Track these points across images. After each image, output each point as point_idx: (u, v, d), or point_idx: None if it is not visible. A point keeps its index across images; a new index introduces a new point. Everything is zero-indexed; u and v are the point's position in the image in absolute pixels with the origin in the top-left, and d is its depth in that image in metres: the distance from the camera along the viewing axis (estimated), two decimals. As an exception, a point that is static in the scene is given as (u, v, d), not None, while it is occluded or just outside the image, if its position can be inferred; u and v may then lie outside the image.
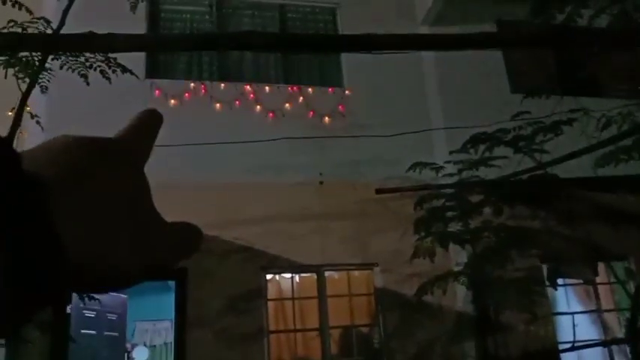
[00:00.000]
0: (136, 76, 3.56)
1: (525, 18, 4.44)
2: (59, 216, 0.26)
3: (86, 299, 3.88)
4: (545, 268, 5.94)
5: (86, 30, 2.61)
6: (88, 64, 3.17)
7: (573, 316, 5.50)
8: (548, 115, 4.49)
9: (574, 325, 5.17)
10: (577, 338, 5.05)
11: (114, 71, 3.22)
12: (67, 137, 0.30)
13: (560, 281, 5.95)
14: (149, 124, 0.36)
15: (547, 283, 5.77)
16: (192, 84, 6.18)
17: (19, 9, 2.88)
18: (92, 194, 0.28)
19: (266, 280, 5.69)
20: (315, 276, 5.84)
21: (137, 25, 5.96)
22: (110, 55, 3.10)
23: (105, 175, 0.30)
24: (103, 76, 3.19)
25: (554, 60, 7.19)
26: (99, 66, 3.19)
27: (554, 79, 7.03)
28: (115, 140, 0.33)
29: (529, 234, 5.23)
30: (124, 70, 3.27)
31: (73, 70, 3.20)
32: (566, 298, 6.30)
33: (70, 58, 3.13)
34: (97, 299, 4.32)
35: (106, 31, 2.58)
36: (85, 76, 3.19)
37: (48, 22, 3.12)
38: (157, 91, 6.06)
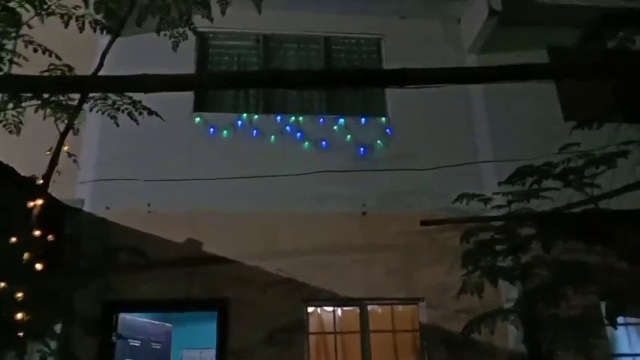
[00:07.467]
0: (161, 118, 3.65)
1: (576, 44, 4.27)
2: None
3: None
4: (603, 305, 5.56)
5: (137, 68, 2.71)
6: (115, 106, 3.30)
7: (635, 358, 5.12)
8: (602, 147, 4.26)
9: (637, 369, 4.81)
10: (640, 383, 4.69)
11: (140, 113, 3.33)
12: None
13: (620, 320, 5.55)
14: None
15: (606, 321, 5.40)
16: (238, 117, 6.30)
17: (57, 58, 3.03)
18: None
19: (307, 313, 5.61)
20: (357, 310, 5.72)
21: (187, 61, 6.19)
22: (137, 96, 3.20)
23: None
24: (131, 118, 3.31)
25: (611, 84, 6.86)
26: (126, 108, 3.32)
27: (610, 104, 6.70)
28: None
29: (585, 269, 4.93)
30: (150, 112, 3.38)
31: (103, 112, 3.34)
32: (627, 338, 5.87)
33: (99, 100, 3.27)
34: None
35: (155, 70, 2.66)
36: (114, 117, 3.32)
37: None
38: (203, 124, 6.22)
